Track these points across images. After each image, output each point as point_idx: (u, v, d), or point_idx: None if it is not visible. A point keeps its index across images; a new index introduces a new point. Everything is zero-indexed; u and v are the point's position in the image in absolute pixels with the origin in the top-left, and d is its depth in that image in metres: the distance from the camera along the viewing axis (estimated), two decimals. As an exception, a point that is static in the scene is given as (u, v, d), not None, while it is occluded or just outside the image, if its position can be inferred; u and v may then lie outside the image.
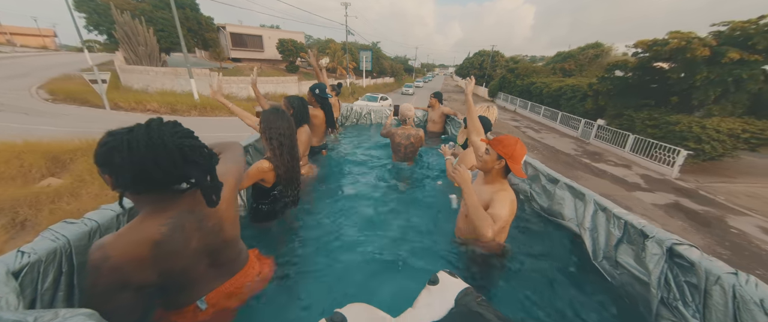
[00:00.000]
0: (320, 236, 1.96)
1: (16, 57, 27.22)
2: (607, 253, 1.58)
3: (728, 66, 9.14)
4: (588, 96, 14.46)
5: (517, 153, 1.48)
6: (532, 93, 21.14)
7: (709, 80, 9.45)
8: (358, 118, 5.37)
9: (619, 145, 11.86)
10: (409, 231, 2.04)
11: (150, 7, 18.31)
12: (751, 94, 9.44)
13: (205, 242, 1.02)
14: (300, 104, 2.41)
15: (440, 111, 4.48)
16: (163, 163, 0.80)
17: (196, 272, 1.04)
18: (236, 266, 1.23)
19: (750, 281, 0.98)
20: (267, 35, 31.40)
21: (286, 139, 1.76)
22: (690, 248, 1.19)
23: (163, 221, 0.89)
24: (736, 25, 9.57)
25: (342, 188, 2.72)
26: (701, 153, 9.35)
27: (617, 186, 8.85)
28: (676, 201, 7.89)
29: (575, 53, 26.77)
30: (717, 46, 9.35)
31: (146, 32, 17.09)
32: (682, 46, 9.55)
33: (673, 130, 9.85)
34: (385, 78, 42.72)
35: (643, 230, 1.36)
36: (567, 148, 13.13)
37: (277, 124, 1.73)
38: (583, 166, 10.75)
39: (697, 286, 1.11)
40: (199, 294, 1.09)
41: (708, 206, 7.63)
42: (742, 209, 7.49)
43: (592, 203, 1.70)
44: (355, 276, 1.62)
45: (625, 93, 12.05)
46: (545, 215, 2.09)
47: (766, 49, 8.82)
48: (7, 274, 0.75)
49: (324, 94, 3.06)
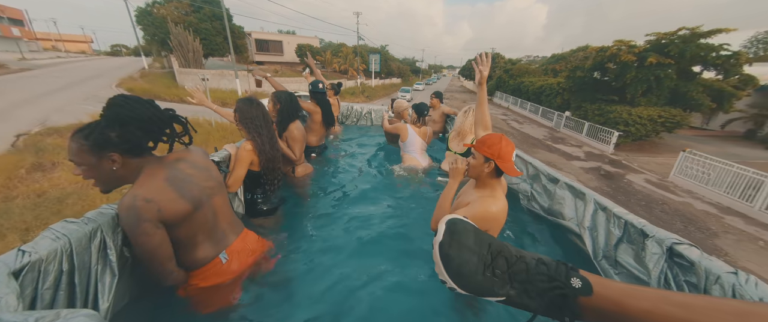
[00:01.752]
0: (318, 235, 1.97)
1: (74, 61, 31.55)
2: (607, 252, 1.54)
3: (651, 68, 12.00)
4: (559, 93, 17.37)
5: (504, 151, 1.33)
6: (522, 91, 23.99)
7: (637, 79, 12.31)
8: (358, 117, 5.36)
9: (579, 131, 14.75)
10: (407, 228, 2.05)
11: (196, 20, 22.00)
12: (669, 89, 12.27)
13: (205, 179, 1.22)
14: (287, 99, 2.31)
15: (441, 111, 4.50)
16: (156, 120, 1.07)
17: (209, 213, 1.22)
18: (237, 226, 1.41)
19: (750, 281, 0.96)
20: (286, 41, 35.11)
21: (262, 128, 1.81)
22: (690, 248, 1.17)
23: (163, 165, 1.11)
24: (659, 35, 12.42)
25: (341, 189, 2.68)
26: (629, 134, 12.23)
27: (562, 158, 11.80)
28: (598, 166, 10.83)
29: (567, 55, 29.50)
30: (641, 52, 12.21)
31: (193, 41, 20.74)
32: (616, 52, 12.46)
33: (610, 118, 12.75)
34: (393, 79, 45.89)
35: (643, 230, 1.34)
36: (539, 135, 16.05)
37: (250, 113, 1.80)
38: (545, 146, 13.71)
39: (697, 285, 1.09)
40: (219, 248, 1.27)
41: (619, 169, 10.55)
42: (642, 170, 10.40)
43: (592, 203, 1.68)
44: (354, 278, 1.61)
45: (583, 89, 14.95)
46: (545, 215, 2.06)
47: (676, 54, 11.66)
48: (7, 274, 0.75)
49: (317, 88, 2.98)
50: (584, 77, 14.69)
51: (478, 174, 1.41)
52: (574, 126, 15.21)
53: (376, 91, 29.87)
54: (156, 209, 1.00)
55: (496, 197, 1.39)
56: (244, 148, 1.75)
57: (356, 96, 25.19)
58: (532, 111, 21.17)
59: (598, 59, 13.48)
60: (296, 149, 2.31)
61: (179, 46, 20.03)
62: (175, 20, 20.54)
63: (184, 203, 1.08)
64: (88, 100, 13.38)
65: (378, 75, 39.39)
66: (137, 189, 1.01)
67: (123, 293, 1.14)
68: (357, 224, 2.11)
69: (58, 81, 17.27)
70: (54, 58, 34.11)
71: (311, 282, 1.57)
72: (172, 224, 1.06)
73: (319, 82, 2.98)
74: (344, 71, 35.13)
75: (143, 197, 0.99)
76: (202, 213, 1.16)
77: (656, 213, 7.32)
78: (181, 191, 1.08)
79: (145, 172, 1.06)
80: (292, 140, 2.29)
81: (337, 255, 1.80)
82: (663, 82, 12.10)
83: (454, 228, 0.61)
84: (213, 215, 1.23)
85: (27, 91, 13.97)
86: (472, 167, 1.42)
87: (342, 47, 37.62)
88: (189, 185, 1.12)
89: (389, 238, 1.96)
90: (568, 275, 0.53)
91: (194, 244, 1.18)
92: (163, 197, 1.02)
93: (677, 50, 11.65)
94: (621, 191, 8.64)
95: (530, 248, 1.84)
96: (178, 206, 1.06)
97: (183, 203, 1.08)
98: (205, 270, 1.22)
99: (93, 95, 14.35)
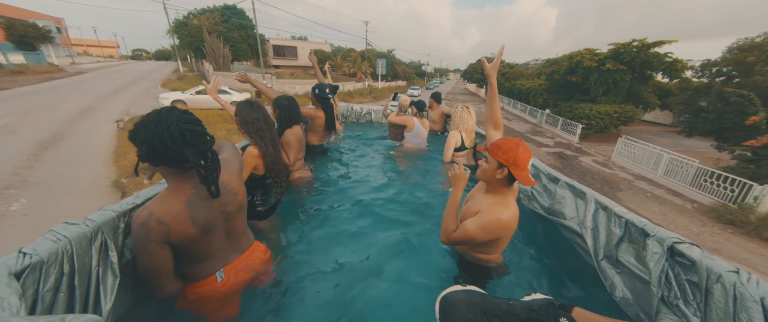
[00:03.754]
0: (316, 238, 1.97)
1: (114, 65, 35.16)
2: (608, 252, 1.54)
3: (609, 72, 14.52)
4: (541, 93, 19.95)
5: (520, 158, 1.27)
6: (514, 92, 26.54)
7: (599, 81, 14.85)
8: (358, 117, 5.45)
9: (555, 126, 17.27)
10: (408, 232, 2.04)
11: (225, 30, 25.20)
12: (625, 89, 14.78)
13: (225, 203, 1.19)
14: (287, 104, 2.33)
15: (440, 111, 4.60)
16: (166, 140, 0.96)
17: (218, 235, 1.20)
18: (245, 242, 1.39)
19: (751, 279, 0.97)
20: (300, 46, 38.27)
21: (265, 131, 1.82)
22: (691, 247, 1.17)
23: (189, 186, 1.09)
24: (617, 45, 14.95)
25: (340, 189, 2.68)
26: (591, 127, 14.75)
27: (534, 146, 14.35)
28: (560, 151, 13.37)
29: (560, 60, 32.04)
30: (601, 59, 14.75)
31: (223, 48, 23.87)
32: (579, 59, 15.04)
33: (577, 113, 15.29)
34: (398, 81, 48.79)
35: (644, 229, 1.33)
36: (523, 129, 18.61)
37: (251, 117, 1.80)
38: (525, 138, 16.28)
39: (698, 284, 1.10)
40: (217, 266, 1.25)
41: (577, 153, 13.08)
42: (594, 154, 12.92)
43: (593, 202, 1.68)
44: (352, 280, 1.60)
45: (558, 90, 17.51)
46: (546, 215, 2.05)
47: (628, 61, 14.18)
48: (9, 275, 0.76)
49: (323, 94, 3.03)
50: (559, 80, 17.24)
51: (490, 179, 1.37)
52: (552, 121, 17.73)
53: (382, 92, 32.84)
54: (166, 231, 1.02)
55: (507, 204, 1.35)
56: (249, 152, 1.78)
57: (365, 96, 28.11)
58: (522, 110, 23.72)
59: (569, 65, 16.05)
60: (290, 155, 2.31)
61: (212, 52, 23.16)
62: (208, 30, 23.74)
63: (194, 230, 1.08)
64: (146, 96, 16.47)
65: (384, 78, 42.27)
66: (156, 206, 1.02)
67: (124, 294, 1.15)
68: (357, 225, 2.12)
69: (115, 82, 20.50)
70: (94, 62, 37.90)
71: (310, 284, 1.56)
72: (177, 244, 1.07)
73: (326, 86, 3.07)
74: (353, 74, 38.10)
75: (157, 218, 1.00)
76: (210, 237, 1.16)
77: (588, 180, 9.87)
78: (195, 216, 1.07)
79: (172, 184, 1.08)
80: (286, 145, 2.30)
81: (336, 255, 1.80)
82: (619, 84, 14.62)
83: (445, 303, 0.67)
84: (222, 237, 1.23)
85: (98, 89, 17.10)
86: (484, 170, 1.38)
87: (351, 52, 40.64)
88: (206, 210, 1.11)
89: (389, 238, 1.97)
90: (557, 316, 0.60)
91: (194, 260, 1.18)
92: (176, 221, 1.03)
93: (629, 58, 14.18)
94: (569, 167, 11.19)
95: (532, 248, 1.89)
96: (188, 231, 1.07)
97: (193, 229, 1.07)
98: (199, 285, 1.22)
99: (147, 93, 17.46)
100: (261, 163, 1.83)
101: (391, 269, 1.69)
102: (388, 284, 1.58)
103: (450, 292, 0.72)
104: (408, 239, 1.94)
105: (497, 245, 1.42)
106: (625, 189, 9.06)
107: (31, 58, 22.86)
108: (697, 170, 8.42)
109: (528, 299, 0.79)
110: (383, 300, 1.49)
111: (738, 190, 7.29)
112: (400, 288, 1.57)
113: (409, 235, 1.99)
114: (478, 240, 1.34)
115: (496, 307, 0.63)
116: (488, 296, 0.73)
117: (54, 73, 21.79)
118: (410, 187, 2.72)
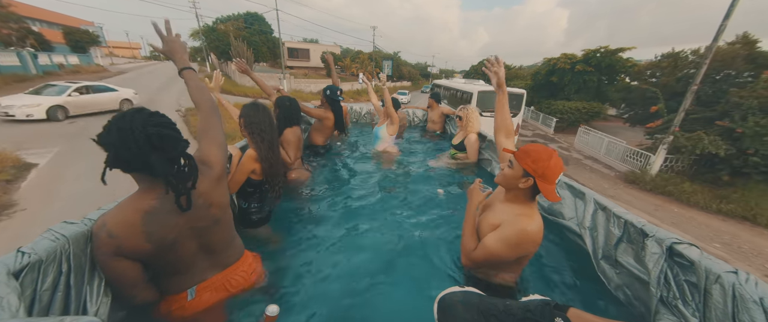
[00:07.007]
0: (314, 241, 1.95)
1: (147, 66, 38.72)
2: (607, 252, 1.54)
3: (579, 73, 17.04)
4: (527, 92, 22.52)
5: (550, 171, 1.16)
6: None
7: (572, 81, 17.38)
8: (357, 117, 5.52)
9: (536, 120, 19.81)
10: (408, 233, 2.04)
11: (248, 34, 28.38)
12: (594, 89, 17.29)
13: (195, 217, 1.08)
14: (288, 105, 2.35)
15: (439, 111, 4.57)
16: (131, 145, 0.88)
17: (188, 251, 1.10)
18: (229, 257, 1.27)
19: (750, 280, 0.97)
20: (312, 49, 41.38)
21: (266, 133, 1.80)
22: (690, 247, 1.17)
23: (155, 195, 0.99)
24: (588, 51, 17.46)
25: (340, 189, 2.67)
26: (564, 120, 17.30)
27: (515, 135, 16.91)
28: (534, 139, 15.93)
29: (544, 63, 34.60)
30: (573, 62, 17.28)
31: (247, 51, 26.95)
32: (555, 62, 17.60)
33: (553, 109, 17.85)
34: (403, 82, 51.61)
35: (643, 229, 1.34)
36: (510, 124, 21.18)
37: (256, 118, 1.80)
38: (508, 130, 18.86)
39: (697, 285, 1.10)
40: (191, 282, 1.16)
41: (547, 141, 15.62)
42: (561, 142, 15.47)
43: (592, 203, 1.68)
44: (350, 282, 1.59)
45: (541, 89, 20.07)
46: (546, 215, 2.04)
47: (596, 64, 16.71)
48: (8, 274, 0.75)
49: (335, 96, 2.99)
50: (542, 80, 19.80)
51: (511, 186, 1.26)
52: (535, 117, 20.26)
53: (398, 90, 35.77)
54: (116, 244, 0.94)
55: (531, 214, 1.24)
56: (248, 155, 1.76)
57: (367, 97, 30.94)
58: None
59: (548, 67, 18.63)
60: (291, 152, 2.31)
61: (238, 55, 26.29)
62: (235, 35, 26.91)
63: (149, 246, 0.98)
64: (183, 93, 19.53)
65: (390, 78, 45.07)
66: (110, 216, 0.96)
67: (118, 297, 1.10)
68: (355, 225, 2.10)
69: (157, 80, 23.74)
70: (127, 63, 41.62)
71: (307, 286, 1.55)
72: (135, 259, 1.00)
73: (338, 89, 3.00)
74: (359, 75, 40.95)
75: (108, 231, 0.93)
76: (174, 253, 1.06)
77: (547, 159, 12.43)
78: (150, 231, 0.97)
79: (139, 191, 1.01)
80: (286, 144, 2.29)
81: (334, 256, 1.78)
82: (588, 84, 17.14)
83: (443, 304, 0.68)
84: (194, 251, 1.13)
85: (148, 85, 20.22)
86: (505, 176, 1.28)
87: (359, 54, 43.57)
88: (168, 224, 1.01)
89: (387, 239, 1.95)
90: (552, 316, 0.61)
91: (165, 273, 1.12)
92: (128, 234, 0.95)
93: (596, 62, 16.70)
94: (536, 151, 13.79)
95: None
96: (141, 247, 0.97)
97: (146, 246, 0.98)
98: (171, 300, 1.15)
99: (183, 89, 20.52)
100: (259, 167, 1.79)
101: (389, 270, 1.69)
102: (386, 285, 1.58)
103: (448, 293, 0.74)
104: (407, 240, 1.95)
105: (519, 264, 1.34)
106: (572, 164, 11.65)
107: (83, 59, 26.30)
108: (625, 149, 11.03)
109: (525, 300, 0.81)
110: (382, 301, 1.49)
111: (644, 161, 9.91)
112: (398, 289, 1.56)
113: (408, 235, 1.99)
114: (505, 258, 1.25)
115: (493, 307, 0.65)
116: (486, 296, 0.76)
117: (101, 73, 25.15)
118: (409, 187, 2.76)
